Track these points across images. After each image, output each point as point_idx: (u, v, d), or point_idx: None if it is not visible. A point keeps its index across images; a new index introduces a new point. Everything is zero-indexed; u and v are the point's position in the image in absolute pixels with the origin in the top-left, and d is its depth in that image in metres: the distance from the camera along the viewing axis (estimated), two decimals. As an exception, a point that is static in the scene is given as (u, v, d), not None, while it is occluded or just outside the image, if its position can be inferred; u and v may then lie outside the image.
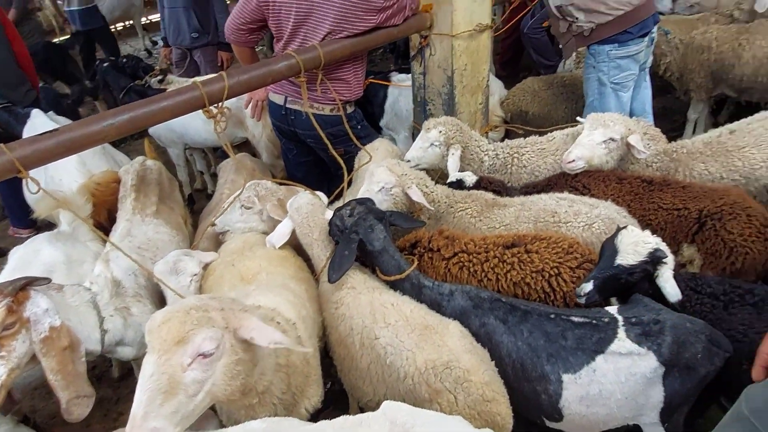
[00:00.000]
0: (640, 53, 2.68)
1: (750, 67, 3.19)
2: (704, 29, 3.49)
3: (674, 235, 1.87)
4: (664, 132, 2.45)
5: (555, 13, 2.74)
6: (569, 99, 3.20)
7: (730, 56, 3.26)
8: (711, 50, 3.36)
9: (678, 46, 3.54)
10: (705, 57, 3.39)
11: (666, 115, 4.14)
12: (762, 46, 3.14)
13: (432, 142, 2.29)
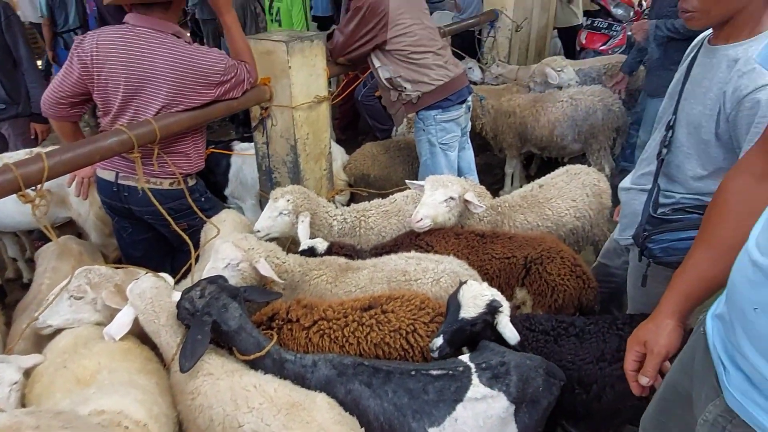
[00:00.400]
0: (460, 117, 3.12)
1: (546, 129, 3.80)
2: (509, 97, 4.10)
3: (508, 280, 2.10)
4: (487, 185, 2.80)
5: (386, 85, 3.04)
6: (405, 161, 3.47)
7: (530, 120, 3.85)
8: (516, 115, 3.94)
9: (490, 111, 4.08)
10: (512, 120, 3.96)
11: (488, 170, 4.68)
12: (553, 111, 3.77)
13: (281, 211, 2.29)
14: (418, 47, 2.91)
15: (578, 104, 3.70)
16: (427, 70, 2.93)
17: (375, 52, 2.99)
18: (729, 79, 1.37)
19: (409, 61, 2.92)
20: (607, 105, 3.67)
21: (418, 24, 2.92)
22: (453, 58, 3.15)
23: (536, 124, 3.81)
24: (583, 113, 3.69)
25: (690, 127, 1.51)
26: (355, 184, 3.33)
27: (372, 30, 2.87)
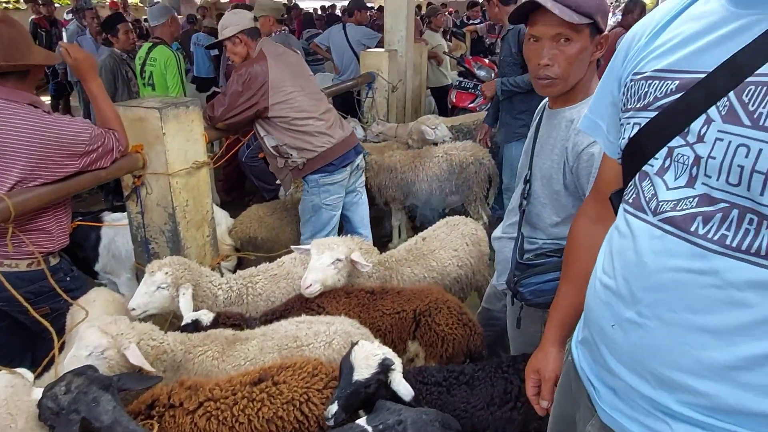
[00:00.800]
0: (344, 180, 3.19)
1: (426, 183, 3.99)
2: (390, 153, 4.27)
3: (400, 334, 2.13)
4: (378, 237, 2.87)
5: (272, 153, 3.05)
6: (294, 220, 3.45)
7: (411, 175, 4.02)
8: (397, 170, 4.11)
9: (374, 167, 4.23)
10: (394, 176, 4.11)
11: (378, 223, 4.80)
12: (431, 166, 3.98)
13: (158, 285, 2.15)
14: (301, 113, 2.96)
15: (452, 159, 3.96)
16: (310, 137, 2.99)
17: (258, 121, 3.01)
18: (568, 136, 1.57)
19: (293, 129, 2.96)
20: (478, 158, 3.97)
21: (299, 91, 2.98)
22: (339, 120, 3.23)
23: (416, 178, 4.00)
24: (457, 167, 3.94)
25: (543, 180, 1.69)
26: (242, 248, 3.24)
27: (253, 97, 2.88)
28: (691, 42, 0.85)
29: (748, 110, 0.74)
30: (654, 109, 0.88)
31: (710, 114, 0.79)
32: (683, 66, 0.85)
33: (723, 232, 0.77)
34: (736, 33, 0.79)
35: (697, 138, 0.80)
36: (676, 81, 0.85)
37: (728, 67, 0.77)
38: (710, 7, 0.85)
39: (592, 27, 1.45)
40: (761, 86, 0.73)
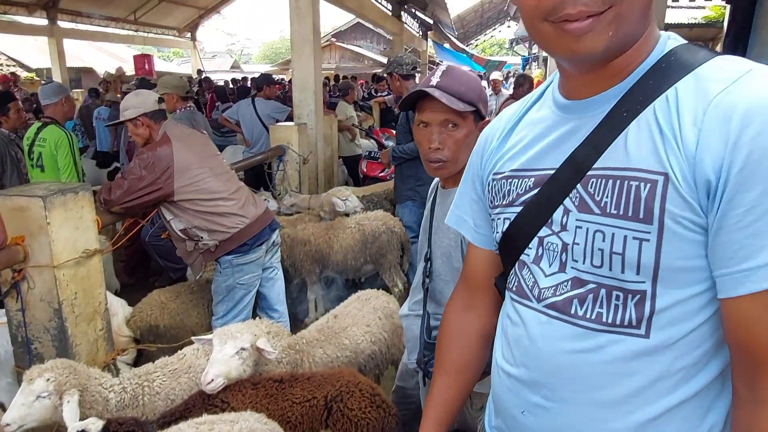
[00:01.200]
0: (260, 258, 3.09)
1: (340, 255, 3.98)
2: (303, 226, 4.24)
3: (311, 424, 2.02)
4: (296, 313, 2.76)
5: (180, 236, 2.91)
6: (201, 303, 3.27)
7: (325, 247, 4.00)
8: (311, 243, 4.07)
9: (287, 240, 4.16)
10: (308, 248, 4.07)
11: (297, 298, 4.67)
12: (344, 237, 3.99)
13: (38, 395, 1.91)
14: (210, 195, 2.88)
15: (365, 229, 3.99)
16: (221, 218, 2.89)
17: (164, 204, 2.88)
18: None
19: (202, 211, 2.86)
20: (389, 227, 4.04)
21: (207, 172, 2.90)
22: (252, 197, 3.16)
23: (330, 250, 3.98)
24: (370, 236, 3.98)
25: (443, 257, 1.73)
26: (142, 338, 3.00)
27: (156, 182, 2.76)
28: (536, 143, 0.94)
29: (595, 200, 0.82)
30: (519, 204, 0.95)
31: (566, 205, 0.86)
32: (534, 165, 0.93)
33: (598, 310, 0.83)
34: (569, 134, 0.88)
35: (560, 227, 0.87)
36: (532, 178, 0.93)
37: (571, 164, 0.86)
38: (544, 113, 0.95)
39: (475, 114, 1.57)
40: (600, 179, 0.81)
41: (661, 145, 0.75)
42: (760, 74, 0.69)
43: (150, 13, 15.64)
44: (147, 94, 3.05)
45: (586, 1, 0.71)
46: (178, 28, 18.09)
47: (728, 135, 0.67)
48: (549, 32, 0.77)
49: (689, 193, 0.72)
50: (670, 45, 0.82)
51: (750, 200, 0.66)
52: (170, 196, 2.81)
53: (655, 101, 0.77)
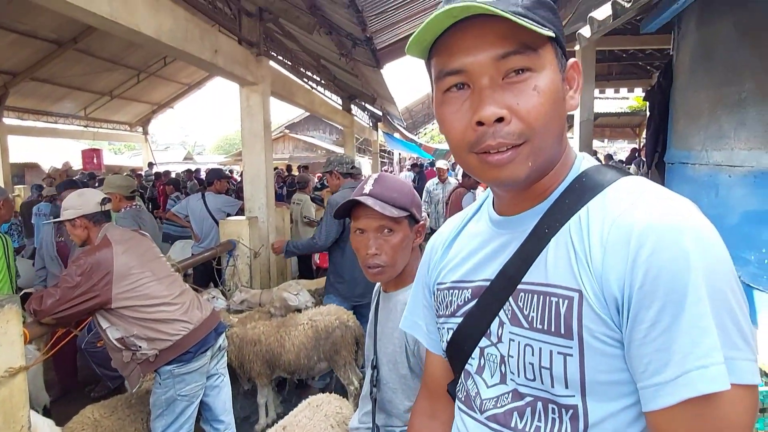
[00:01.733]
0: (204, 366, 2.91)
1: (292, 354, 3.82)
2: (254, 324, 4.08)
3: None
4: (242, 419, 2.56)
5: (116, 346, 2.73)
6: (138, 419, 3.01)
7: (276, 346, 3.84)
8: (261, 342, 3.90)
9: (235, 341, 3.97)
10: (258, 348, 3.89)
11: (246, 400, 4.39)
12: (296, 335, 3.85)
13: None
14: (151, 301, 2.74)
15: (318, 325, 3.88)
16: (163, 326, 2.74)
17: (100, 311, 2.72)
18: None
19: (142, 318, 2.70)
20: (343, 322, 3.94)
21: (149, 276, 2.79)
22: (197, 301, 3.03)
23: (282, 349, 3.82)
24: (323, 333, 3.86)
25: (390, 365, 1.68)
26: (71, 463, 2.71)
27: (93, 288, 2.62)
28: (473, 255, 0.97)
29: (524, 314, 0.83)
30: (460, 315, 0.96)
31: (501, 317, 0.87)
32: (472, 276, 0.96)
33: (536, 423, 0.82)
34: (502, 248, 0.91)
35: (497, 338, 0.88)
36: (469, 289, 0.95)
37: (503, 277, 0.88)
38: (480, 227, 0.99)
39: (409, 218, 1.60)
40: (528, 293, 0.83)
41: (574, 263, 0.78)
42: (655, 196, 0.74)
43: (101, 110, 15.70)
44: (90, 195, 2.96)
45: (503, 135, 0.76)
46: (129, 123, 18.19)
47: (627, 254, 0.71)
48: (475, 163, 0.81)
49: (602, 309, 0.74)
50: (584, 166, 0.88)
51: (651, 317, 0.68)
52: (108, 303, 2.66)
53: (570, 219, 0.81)
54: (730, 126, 2.90)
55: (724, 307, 0.66)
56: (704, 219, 0.71)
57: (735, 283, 0.69)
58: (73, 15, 3.22)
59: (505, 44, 0.74)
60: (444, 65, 0.79)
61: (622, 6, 2.36)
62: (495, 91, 0.76)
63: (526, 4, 0.75)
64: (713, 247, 0.68)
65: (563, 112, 0.81)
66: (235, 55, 5.39)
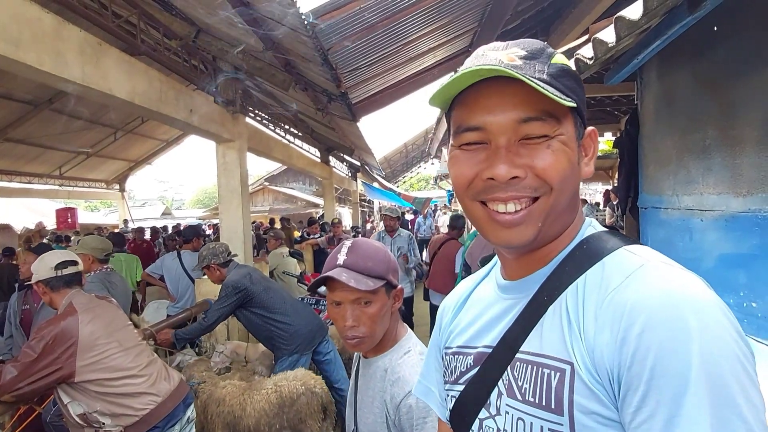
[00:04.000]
0: (172, 438, 2.73)
1: (253, 419, 3.54)
2: (225, 384, 3.87)
3: None
4: None
5: (78, 422, 2.58)
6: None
7: (237, 409, 3.60)
8: (225, 403, 3.67)
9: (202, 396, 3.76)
10: (220, 409, 3.65)
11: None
12: (258, 400, 3.59)
13: None
14: (116, 373, 2.60)
15: (282, 390, 3.62)
16: (128, 400, 2.60)
17: (61, 385, 2.57)
18: (385, 388, 1.54)
19: (106, 393, 2.56)
20: (309, 387, 3.68)
21: (116, 347, 2.66)
22: (165, 371, 2.89)
23: (243, 413, 3.56)
24: (288, 399, 3.59)
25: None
26: None
27: (56, 361, 2.48)
28: (477, 320, 0.94)
29: (518, 385, 0.79)
30: (462, 382, 0.92)
31: (500, 387, 0.83)
32: (475, 342, 0.92)
33: None
34: (503, 313, 0.87)
35: (496, 410, 0.83)
36: (471, 356, 0.91)
37: (504, 343, 0.84)
38: (487, 291, 0.97)
39: (386, 285, 1.54)
40: (523, 363, 0.79)
41: (567, 334, 0.74)
42: (650, 271, 0.70)
43: (77, 168, 15.59)
44: (47, 259, 2.83)
45: (518, 188, 0.74)
46: (106, 180, 18.05)
47: (618, 332, 0.67)
48: (480, 215, 0.79)
49: (594, 385, 0.70)
50: (589, 232, 0.84)
51: (637, 401, 0.64)
52: (71, 377, 2.51)
53: (567, 288, 0.78)
54: (697, 171, 2.97)
55: (722, 397, 0.59)
56: (707, 296, 0.65)
57: (741, 368, 0.61)
58: (45, 81, 3.22)
59: (526, 109, 0.74)
60: (464, 120, 0.79)
61: (584, 63, 2.44)
62: (511, 152, 0.75)
63: (552, 72, 0.76)
64: (714, 328, 0.62)
65: (577, 179, 0.80)
66: (211, 113, 5.43)
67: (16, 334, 4.24)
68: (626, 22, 2.04)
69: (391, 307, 1.58)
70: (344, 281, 1.43)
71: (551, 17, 6.37)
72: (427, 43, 6.28)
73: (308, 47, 4.51)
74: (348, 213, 21.95)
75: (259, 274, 4.22)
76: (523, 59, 0.76)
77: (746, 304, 2.60)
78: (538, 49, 0.78)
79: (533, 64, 0.76)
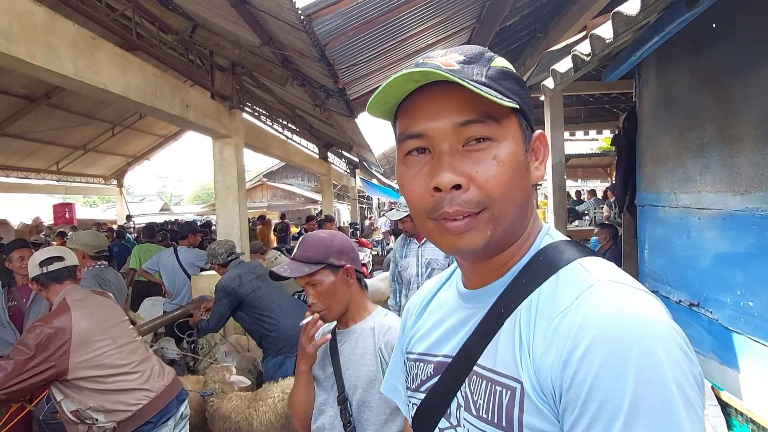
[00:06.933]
0: (165, 436, 2.72)
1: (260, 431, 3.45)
2: (231, 396, 3.77)
3: None
4: None
5: (71, 419, 2.57)
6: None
7: (244, 424, 3.52)
8: (231, 419, 3.58)
9: (210, 410, 3.73)
10: (227, 426, 3.59)
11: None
12: (265, 412, 3.48)
13: None
14: (110, 370, 2.58)
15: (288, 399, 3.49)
16: (122, 395, 2.58)
17: (54, 383, 2.55)
18: (377, 339, 1.74)
19: (99, 389, 2.54)
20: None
21: (109, 343, 2.63)
22: (159, 367, 2.87)
23: (250, 428, 3.47)
24: None
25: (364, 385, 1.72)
26: None
27: (49, 359, 2.45)
28: (436, 328, 0.93)
29: (473, 400, 0.78)
30: (423, 390, 0.91)
31: (458, 398, 0.82)
32: (435, 350, 0.91)
33: None
34: (463, 322, 0.86)
35: (456, 421, 0.82)
36: (432, 364, 0.90)
37: (463, 354, 0.83)
38: (448, 296, 0.95)
39: (329, 267, 1.75)
40: (479, 377, 0.78)
41: (518, 351, 0.73)
42: (599, 292, 0.69)
43: (74, 163, 15.54)
44: (37, 256, 2.81)
45: (460, 203, 0.73)
46: (104, 175, 18.01)
47: (562, 353, 0.66)
48: (433, 229, 0.77)
49: (542, 403, 0.69)
50: (546, 242, 0.83)
51: (571, 422, 0.63)
52: (64, 374, 2.49)
53: (523, 302, 0.76)
54: (695, 170, 2.95)
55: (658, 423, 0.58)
56: (654, 319, 0.64)
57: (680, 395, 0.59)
58: (37, 75, 3.19)
59: (465, 112, 0.73)
60: (406, 128, 0.77)
61: (582, 59, 2.42)
62: (454, 158, 0.74)
63: (491, 74, 0.75)
64: (655, 353, 0.60)
65: (526, 184, 0.78)
66: (207, 109, 5.39)
67: (3, 331, 4.20)
68: (624, 18, 2.02)
69: (345, 282, 1.79)
70: (281, 273, 1.74)
71: (550, 14, 6.33)
72: (425, 39, 6.25)
73: (305, 42, 4.48)
74: (346, 209, 21.94)
75: (251, 276, 4.19)
76: (462, 63, 0.75)
77: (743, 303, 2.59)
78: (477, 53, 0.78)
79: (471, 68, 0.75)
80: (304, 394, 1.83)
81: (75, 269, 2.89)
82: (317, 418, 1.82)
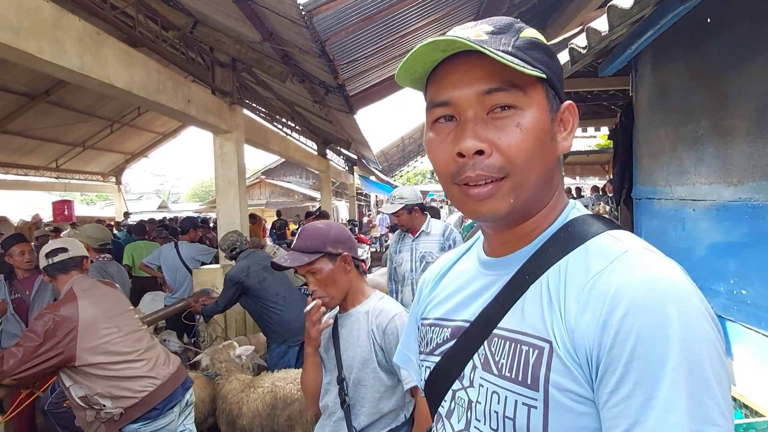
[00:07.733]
0: (172, 422, 2.80)
1: (247, 419, 3.50)
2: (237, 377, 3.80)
3: None
4: None
5: (80, 404, 2.63)
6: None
7: (235, 407, 3.59)
8: (227, 400, 3.65)
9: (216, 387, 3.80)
10: (224, 406, 3.67)
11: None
12: (253, 399, 3.51)
13: None
14: (116, 357, 2.64)
15: (277, 392, 3.50)
16: (128, 382, 2.64)
17: (63, 369, 2.61)
18: (370, 321, 1.86)
19: (106, 376, 2.60)
20: (306, 393, 3.64)
21: (116, 332, 2.70)
22: (164, 355, 2.93)
23: (239, 412, 3.52)
24: (281, 402, 3.46)
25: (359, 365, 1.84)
26: None
27: (57, 345, 2.51)
28: (457, 294, 0.95)
29: (495, 360, 0.80)
30: (438, 354, 0.93)
31: (474, 360, 0.84)
32: (452, 315, 0.93)
33: None
34: (484, 289, 0.89)
35: (469, 382, 0.85)
36: (449, 328, 0.92)
37: (482, 319, 0.85)
38: (468, 265, 0.98)
39: (327, 256, 1.82)
40: (501, 339, 0.81)
41: (547, 313, 0.76)
42: (634, 257, 0.72)
43: (73, 161, 15.53)
44: (44, 248, 2.90)
45: (483, 167, 0.75)
46: (102, 173, 18.00)
47: (600, 314, 0.69)
48: (457, 194, 0.80)
49: (572, 363, 0.71)
50: (573, 215, 0.85)
51: (614, 381, 0.66)
52: (72, 360, 2.55)
53: (550, 269, 0.79)
54: (690, 162, 3.01)
55: (698, 381, 0.62)
56: (687, 284, 0.68)
57: (716, 354, 0.64)
58: (44, 70, 3.23)
59: (490, 81, 0.76)
60: (434, 96, 0.81)
61: (579, 52, 2.47)
62: (477, 125, 0.76)
63: (519, 44, 0.77)
64: (693, 315, 0.65)
65: (551, 153, 0.80)
66: (208, 104, 5.44)
67: (8, 323, 4.25)
68: (618, 11, 2.07)
69: (344, 270, 1.87)
70: (281, 263, 1.81)
71: (548, 10, 6.38)
72: (425, 35, 6.29)
73: (306, 38, 4.53)
74: (345, 206, 21.97)
75: (258, 267, 4.38)
76: (490, 34, 0.78)
77: (736, 291, 2.65)
78: (506, 23, 0.80)
79: (499, 38, 0.77)
80: (312, 374, 1.93)
81: (82, 260, 2.94)
82: (323, 397, 1.92)
